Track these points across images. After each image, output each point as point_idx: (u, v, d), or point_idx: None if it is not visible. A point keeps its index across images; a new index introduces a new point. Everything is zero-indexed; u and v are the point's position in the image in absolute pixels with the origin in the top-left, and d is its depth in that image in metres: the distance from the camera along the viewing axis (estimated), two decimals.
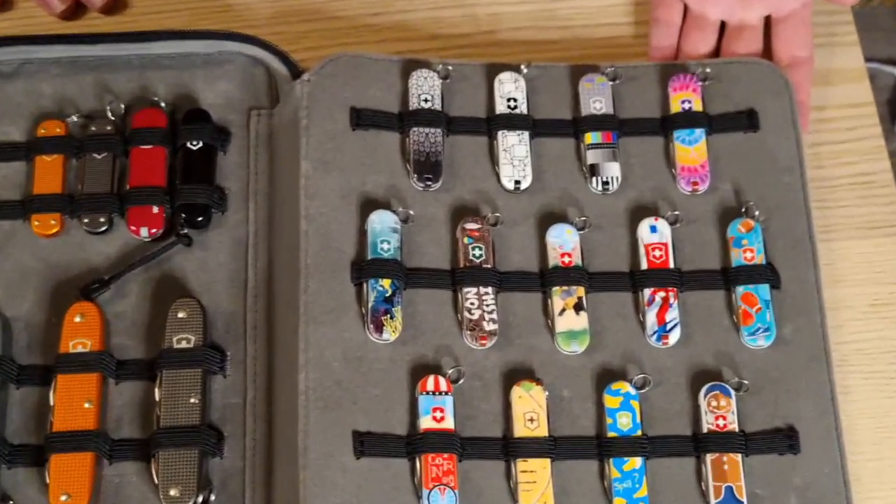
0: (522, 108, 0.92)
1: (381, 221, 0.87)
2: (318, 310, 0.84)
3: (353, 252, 0.87)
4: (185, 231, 0.90)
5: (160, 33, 0.94)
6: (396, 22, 0.99)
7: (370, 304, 0.85)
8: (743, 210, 0.90)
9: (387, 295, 0.85)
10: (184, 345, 0.86)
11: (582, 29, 0.99)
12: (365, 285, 0.86)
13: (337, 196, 0.88)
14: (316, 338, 0.84)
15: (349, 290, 0.86)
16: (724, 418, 0.84)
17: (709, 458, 0.84)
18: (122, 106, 0.93)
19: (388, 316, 0.85)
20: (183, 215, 0.90)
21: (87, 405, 0.84)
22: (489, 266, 0.87)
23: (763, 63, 0.95)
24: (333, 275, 0.86)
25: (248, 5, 1.00)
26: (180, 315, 0.87)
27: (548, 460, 0.83)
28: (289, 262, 0.87)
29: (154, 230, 0.90)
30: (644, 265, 0.88)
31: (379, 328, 0.84)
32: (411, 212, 0.88)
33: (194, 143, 0.91)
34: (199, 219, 0.90)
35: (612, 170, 0.90)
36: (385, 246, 0.86)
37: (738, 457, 0.84)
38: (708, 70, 0.93)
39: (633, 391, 0.85)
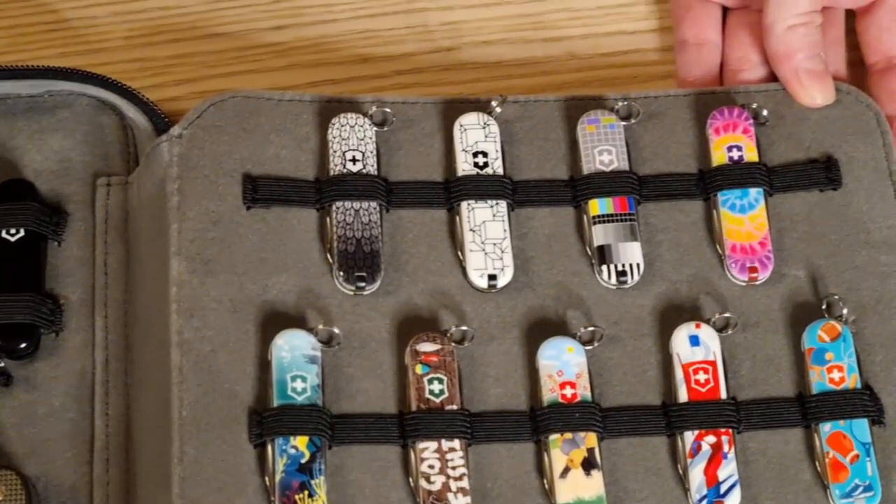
0: (496, 167, 0.84)
1: (292, 347, 0.79)
2: (200, 488, 0.75)
3: (251, 396, 0.78)
4: (1, 364, 0.81)
5: None
6: (309, 38, 0.92)
7: (278, 476, 0.75)
8: (824, 307, 0.81)
9: (303, 460, 0.76)
10: None
11: (580, 41, 0.93)
12: (270, 447, 0.76)
13: (226, 310, 0.79)
14: None
15: (247, 454, 0.76)
16: None
17: None
18: None
19: (306, 492, 0.75)
20: None
21: None
22: (455, 407, 0.78)
23: (843, 88, 0.87)
24: (222, 432, 0.77)
25: (93, 20, 0.93)
26: None
27: None
28: (155, 412, 0.78)
29: None
30: (683, 395, 0.79)
31: None
32: (336, 329, 0.79)
33: (12, 231, 0.84)
34: (22, 345, 0.82)
35: (631, 253, 0.82)
36: (298, 384, 0.78)
37: None
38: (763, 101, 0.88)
39: None
